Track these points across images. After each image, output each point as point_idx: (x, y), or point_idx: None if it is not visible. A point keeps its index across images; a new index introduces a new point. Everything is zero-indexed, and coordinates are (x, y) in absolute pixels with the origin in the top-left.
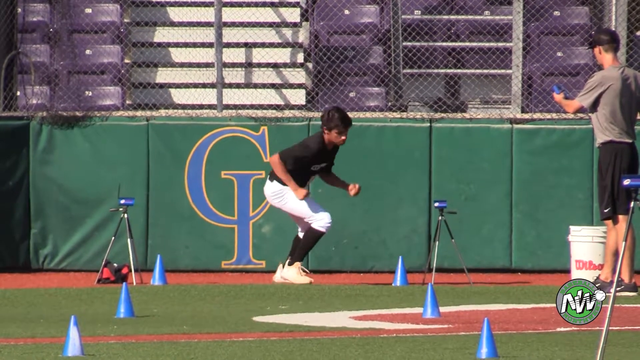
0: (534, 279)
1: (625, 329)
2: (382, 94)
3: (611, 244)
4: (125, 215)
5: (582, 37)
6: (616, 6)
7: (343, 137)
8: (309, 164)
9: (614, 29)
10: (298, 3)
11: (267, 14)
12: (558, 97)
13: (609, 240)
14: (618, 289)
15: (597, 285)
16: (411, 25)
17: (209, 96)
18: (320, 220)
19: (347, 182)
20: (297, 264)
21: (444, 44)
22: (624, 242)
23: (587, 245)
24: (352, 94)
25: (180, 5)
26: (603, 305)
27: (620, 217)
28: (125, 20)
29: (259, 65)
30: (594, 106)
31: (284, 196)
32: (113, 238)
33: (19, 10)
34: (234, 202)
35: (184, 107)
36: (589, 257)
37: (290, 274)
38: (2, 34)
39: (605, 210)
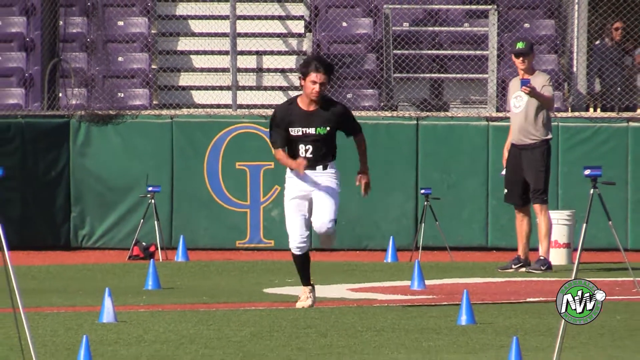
0: (507, 256)
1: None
2: (375, 95)
3: (540, 227)
4: (153, 201)
5: (548, 46)
6: (578, 19)
7: (316, 86)
8: (285, 131)
9: (576, 39)
10: (302, 16)
11: (275, 26)
12: (529, 87)
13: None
14: (543, 267)
15: (540, 264)
16: (400, 36)
17: (225, 97)
18: (290, 242)
19: (362, 169)
20: (302, 289)
21: (429, 51)
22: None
23: (552, 226)
24: (349, 95)
25: (200, 18)
26: (560, 279)
27: (539, 206)
28: (153, 31)
29: (268, 70)
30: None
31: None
32: (142, 220)
33: (61, 22)
34: (247, 189)
35: (203, 106)
36: (554, 237)
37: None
38: (46, 44)
39: (546, 198)
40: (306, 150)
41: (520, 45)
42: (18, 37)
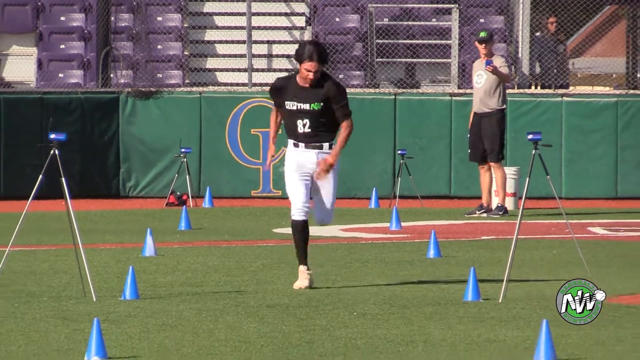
0: (466, 203)
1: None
2: (361, 76)
3: (493, 181)
4: (185, 160)
5: (499, 37)
6: (522, 15)
7: (310, 74)
8: (282, 102)
9: (520, 31)
10: (304, 13)
11: (282, 21)
12: (493, 67)
13: (496, 177)
14: (501, 212)
15: (483, 211)
16: (382, 28)
17: (242, 77)
18: (292, 207)
19: (333, 151)
20: (300, 269)
21: (404, 41)
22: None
23: (498, 175)
24: (340, 76)
25: (222, 14)
26: (510, 221)
27: (495, 163)
28: (185, 25)
29: (277, 56)
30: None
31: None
32: (176, 175)
33: (112, 18)
34: (259, 150)
35: (225, 84)
36: (497, 185)
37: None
38: (100, 35)
39: (500, 156)
40: (304, 125)
41: (483, 34)
42: (78, 29)
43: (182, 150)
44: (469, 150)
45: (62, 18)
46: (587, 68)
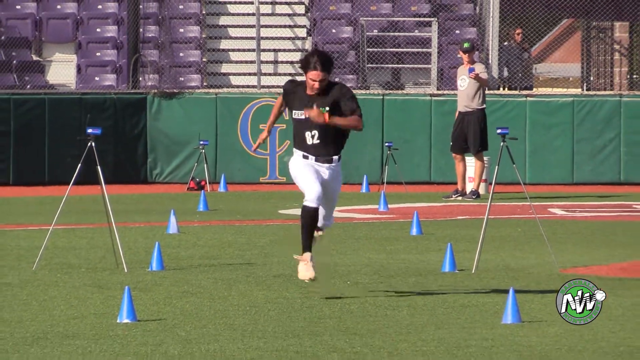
0: (444, 188)
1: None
2: (354, 79)
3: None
4: (203, 151)
5: (474, 44)
6: (492, 28)
7: (315, 83)
8: (292, 107)
9: (491, 41)
10: (305, 25)
11: (286, 32)
12: (475, 74)
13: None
14: (474, 196)
15: (458, 195)
16: (372, 39)
17: (252, 80)
18: (306, 196)
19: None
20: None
21: (391, 49)
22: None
23: (471, 168)
24: (336, 79)
25: (236, 27)
26: (481, 203)
27: (476, 154)
28: (203, 36)
29: (282, 62)
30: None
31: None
32: (196, 164)
33: (141, 30)
34: (267, 143)
35: (237, 87)
36: (471, 174)
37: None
38: (131, 44)
39: (480, 149)
40: (312, 136)
41: (466, 45)
42: (111, 39)
43: (201, 142)
44: (451, 143)
45: (98, 29)
46: (547, 72)
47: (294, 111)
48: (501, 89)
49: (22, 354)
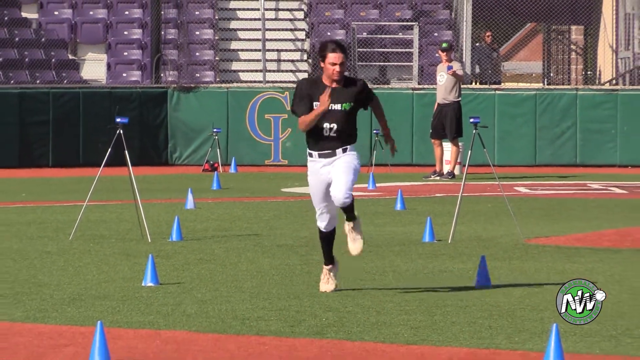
0: (424, 169)
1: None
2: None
3: (443, 153)
4: (216, 137)
5: (452, 45)
6: (465, 30)
7: (336, 66)
8: (309, 102)
9: (464, 42)
10: (304, 29)
11: (288, 34)
12: (453, 71)
13: (451, 151)
14: (450, 176)
15: (435, 176)
16: (362, 40)
17: (258, 76)
18: (317, 221)
19: (385, 133)
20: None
21: (379, 49)
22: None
23: (447, 152)
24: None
25: (244, 30)
26: (456, 183)
27: (453, 140)
28: (216, 38)
29: (284, 60)
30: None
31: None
32: (210, 149)
33: (162, 32)
34: (271, 130)
35: (246, 82)
36: (447, 157)
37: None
38: (154, 45)
39: (456, 135)
40: (330, 129)
41: (444, 45)
42: (137, 41)
43: (214, 130)
44: (431, 130)
45: (125, 32)
46: (513, 69)
47: (315, 104)
48: (474, 83)
49: (60, 313)
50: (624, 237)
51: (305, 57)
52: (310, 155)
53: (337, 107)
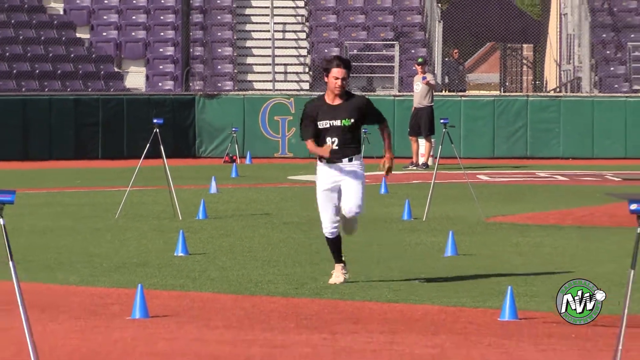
0: (403, 161)
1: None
2: None
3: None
4: (234, 135)
5: (426, 60)
6: (437, 48)
7: (338, 80)
8: (313, 124)
9: (436, 57)
10: (306, 47)
11: (292, 51)
12: (427, 81)
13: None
14: (424, 167)
15: (411, 167)
16: (353, 56)
17: (269, 85)
18: (323, 228)
19: (386, 154)
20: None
21: (366, 63)
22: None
23: (422, 147)
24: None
25: (257, 48)
26: (429, 172)
27: (426, 137)
28: (235, 54)
29: (290, 72)
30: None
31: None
32: (229, 144)
33: (191, 50)
34: (279, 129)
35: (259, 90)
36: (422, 151)
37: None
38: (184, 60)
39: (429, 133)
40: (332, 142)
41: (420, 59)
42: (170, 57)
43: (233, 129)
44: (409, 129)
45: (161, 50)
46: (476, 79)
47: (318, 122)
48: (443, 91)
49: (108, 278)
50: (566, 216)
51: (307, 69)
52: (320, 159)
53: (337, 123)
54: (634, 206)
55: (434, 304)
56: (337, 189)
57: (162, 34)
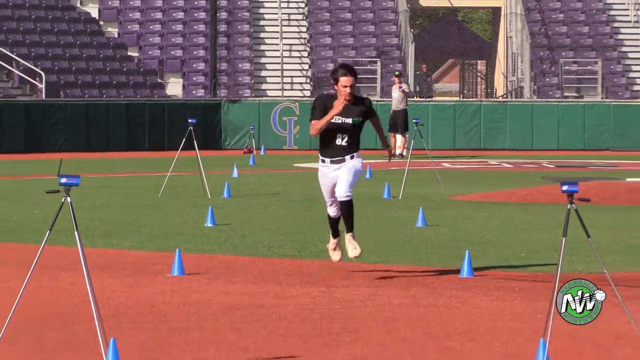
0: (384, 152)
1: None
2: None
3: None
4: (252, 132)
5: (401, 73)
6: (410, 63)
7: (347, 88)
8: (325, 111)
9: (410, 71)
10: (308, 62)
11: (297, 66)
12: (402, 90)
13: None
14: (400, 157)
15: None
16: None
17: (279, 93)
18: (327, 209)
19: (383, 143)
20: (331, 240)
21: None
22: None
23: (399, 141)
24: (324, 92)
25: (269, 63)
26: (404, 160)
27: (402, 133)
28: (252, 68)
29: (294, 82)
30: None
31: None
32: (248, 139)
33: (217, 65)
34: (287, 127)
35: (271, 96)
36: (399, 144)
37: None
38: (212, 73)
39: (404, 130)
40: (342, 139)
41: (397, 72)
42: (201, 70)
43: (251, 127)
44: (389, 127)
45: (194, 65)
46: (440, 88)
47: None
48: (415, 98)
49: (153, 243)
50: (511, 194)
51: (308, 80)
52: (323, 161)
53: (349, 120)
54: (565, 187)
55: (408, 265)
56: (334, 182)
57: (195, 52)
